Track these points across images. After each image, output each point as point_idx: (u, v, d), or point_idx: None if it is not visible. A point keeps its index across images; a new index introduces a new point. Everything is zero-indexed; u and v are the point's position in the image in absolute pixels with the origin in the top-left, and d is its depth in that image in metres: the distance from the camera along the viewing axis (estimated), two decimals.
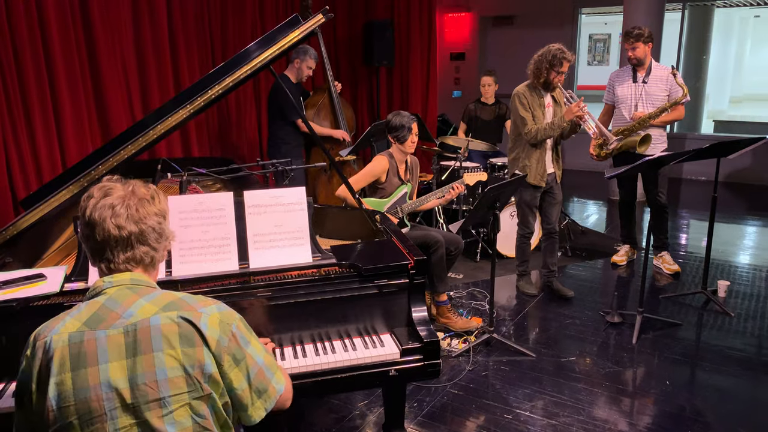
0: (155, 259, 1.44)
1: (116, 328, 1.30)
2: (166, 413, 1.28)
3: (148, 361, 1.28)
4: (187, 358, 1.30)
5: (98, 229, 1.36)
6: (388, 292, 2.14)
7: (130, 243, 1.38)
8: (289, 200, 2.24)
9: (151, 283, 1.43)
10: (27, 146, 3.83)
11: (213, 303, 1.41)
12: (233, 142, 5.51)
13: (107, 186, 1.41)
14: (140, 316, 1.32)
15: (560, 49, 3.80)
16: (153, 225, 1.40)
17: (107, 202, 1.37)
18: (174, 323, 1.32)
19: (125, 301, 1.34)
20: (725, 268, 4.76)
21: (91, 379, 1.26)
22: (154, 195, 1.44)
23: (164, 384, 1.28)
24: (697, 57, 9.19)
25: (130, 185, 1.42)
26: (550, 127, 3.83)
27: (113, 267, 1.39)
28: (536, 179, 3.97)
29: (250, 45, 2.38)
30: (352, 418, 2.87)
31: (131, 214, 1.37)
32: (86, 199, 1.39)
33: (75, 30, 4.07)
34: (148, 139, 2.34)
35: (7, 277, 2.01)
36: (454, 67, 9.20)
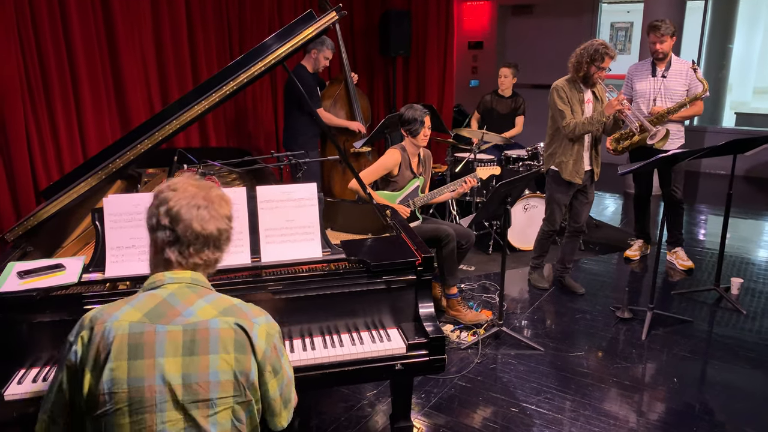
0: (218, 261, 1.50)
1: (176, 325, 1.35)
2: (211, 413, 1.34)
3: (203, 362, 1.33)
4: (239, 364, 1.36)
5: (182, 225, 1.39)
6: (395, 288, 2.18)
7: (207, 244, 1.43)
8: (300, 196, 2.28)
9: (207, 284, 1.48)
10: (49, 137, 3.92)
11: (262, 314, 1.47)
12: (250, 132, 5.57)
13: (186, 182, 1.45)
14: (200, 317, 1.37)
15: (603, 44, 3.71)
16: (226, 228, 1.46)
17: (191, 201, 1.41)
18: (231, 329, 1.37)
19: (186, 300, 1.39)
20: (741, 265, 4.73)
21: (147, 370, 1.31)
22: (227, 198, 1.50)
23: (215, 386, 1.34)
24: (721, 46, 9.00)
25: (208, 186, 1.47)
26: (589, 121, 3.73)
27: (182, 261, 1.43)
28: (571, 176, 3.87)
29: (266, 39, 2.41)
30: (362, 408, 2.94)
31: (213, 217, 1.42)
32: (167, 192, 1.43)
33: (96, 23, 4.14)
34: (164, 133, 2.38)
35: (28, 267, 2.08)
36: (472, 56, 9.14)
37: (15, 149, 3.71)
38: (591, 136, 3.93)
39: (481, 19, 8.98)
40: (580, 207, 4.08)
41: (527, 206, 4.89)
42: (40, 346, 1.95)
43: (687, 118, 4.41)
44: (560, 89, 3.84)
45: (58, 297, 1.96)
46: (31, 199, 3.78)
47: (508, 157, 5.20)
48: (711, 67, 8.84)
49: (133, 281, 2.06)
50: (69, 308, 1.95)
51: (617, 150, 4.45)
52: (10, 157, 3.72)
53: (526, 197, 4.86)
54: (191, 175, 1.50)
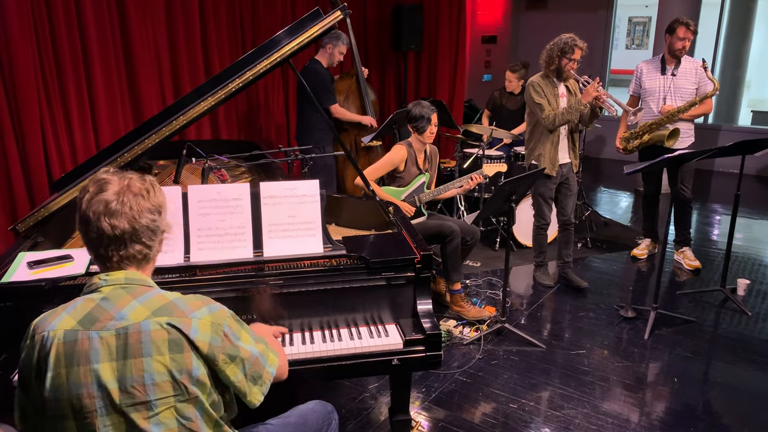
0: (149, 256, 1.46)
1: (109, 330, 1.34)
2: (151, 415, 1.34)
3: (137, 365, 1.33)
4: (175, 363, 1.35)
5: (92, 226, 1.37)
6: (394, 284, 2.22)
7: (124, 241, 1.39)
8: (302, 192, 2.32)
9: (145, 281, 1.45)
10: (63, 129, 4.00)
11: (204, 305, 1.43)
12: (261, 125, 5.62)
13: (103, 180, 1.40)
14: (132, 320, 1.35)
15: (572, 37, 3.82)
16: (147, 223, 1.40)
17: (102, 197, 1.37)
18: (164, 330, 1.35)
19: (119, 302, 1.37)
20: (749, 266, 4.71)
21: (83, 377, 1.31)
22: (150, 189, 1.43)
23: (151, 388, 1.33)
24: (738, 43, 8.89)
25: (126, 179, 1.41)
26: (567, 110, 3.82)
27: (108, 264, 1.42)
28: (548, 168, 3.96)
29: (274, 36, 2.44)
30: (363, 400, 2.98)
31: (125, 212, 1.37)
32: (82, 193, 1.40)
33: (110, 16, 4.20)
34: (172, 128, 2.44)
35: (37, 257, 2.15)
36: (486, 51, 9.11)
37: (30, 141, 3.79)
38: (567, 129, 4.00)
39: (495, 13, 8.93)
40: (564, 199, 4.15)
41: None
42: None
43: (697, 117, 4.38)
44: (536, 84, 3.92)
45: (66, 287, 2.02)
46: (45, 190, 3.86)
47: (517, 154, 5.20)
48: (728, 64, 8.74)
49: None
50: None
51: (627, 149, 4.45)
52: (25, 148, 3.80)
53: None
54: (107, 170, 1.45)
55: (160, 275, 2.08)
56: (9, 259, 2.15)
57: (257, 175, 3.44)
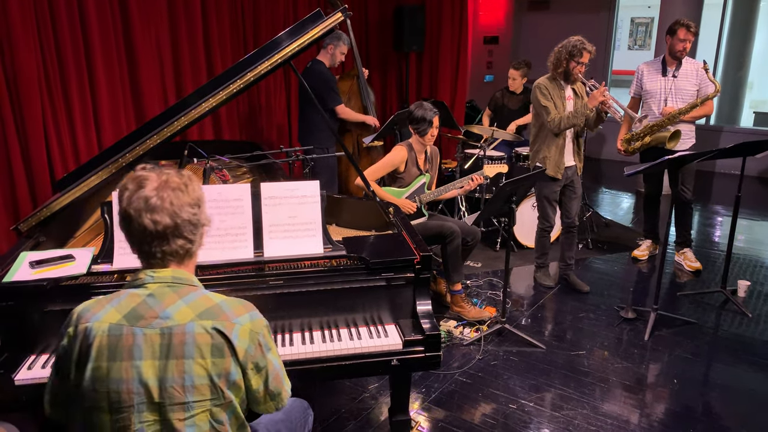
0: (191, 251, 1.47)
1: (153, 329, 1.35)
2: (187, 416, 1.36)
3: (178, 366, 1.34)
4: (215, 367, 1.36)
5: (134, 223, 1.37)
6: (394, 285, 2.23)
7: (166, 237, 1.39)
8: (303, 193, 2.33)
9: (191, 279, 1.46)
10: (65, 129, 4.02)
11: (246, 311, 1.45)
12: (263, 126, 5.63)
13: (141, 176, 1.40)
14: (177, 320, 1.37)
15: (580, 40, 3.80)
16: (188, 217, 1.41)
17: (142, 194, 1.37)
18: (207, 334, 1.36)
19: (165, 301, 1.39)
20: (749, 267, 4.71)
21: (125, 372, 1.33)
22: (188, 182, 1.43)
23: (190, 390, 1.35)
24: (740, 44, 8.87)
25: (164, 174, 1.41)
26: (573, 114, 3.81)
27: (152, 261, 1.43)
28: (554, 170, 3.96)
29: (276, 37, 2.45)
30: (363, 400, 2.99)
31: (165, 207, 1.37)
32: (121, 191, 1.40)
33: (113, 16, 4.22)
34: (173, 129, 2.45)
35: (39, 257, 2.16)
36: (488, 51, 9.11)
37: (33, 140, 3.81)
38: (573, 132, 4.00)
39: (497, 13, 8.93)
40: (569, 202, 4.14)
41: (536, 204, 4.89)
42: (49, 334, 2.03)
43: (698, 119, 4.39)
44: (542, 86, 3.91)
45: (68, 287, 2.04)
46: (47, 190, 3.87)
47: (518, 155, 5.21)
48: (730, 65, 8.73)
49: None
50: (78, 298, 1.98)
51: (628, 151, 4.44)
52: (28, 148, 3.82)
53: (534, 195, 4.86)
54: (144, 166, 1.45)
55: None
56: (11, 259, 2.17)
57: (258, 176, 3.45)
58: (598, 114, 3.86)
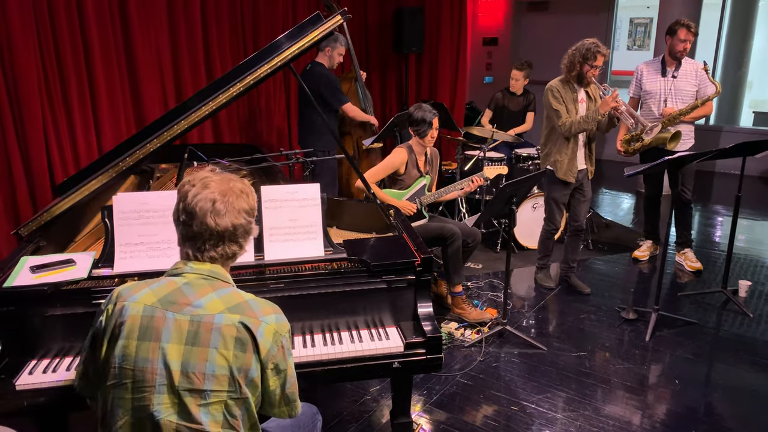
0: (237, 255, 1.55)
1: (184, 315, 1.41)
2: (203, 403, 1.40)
3: (202, 353, 1.39)
4: (237, 360, 1.41)
5: (197, 220, 1.45)
6: (395, 288, 2.23)
7: (223, 239, 1.48)
8: (303, 196, 2.33)
9: (226, 276, 1.53)
10: (65, 133, 4.02)
11: (273, 312, 1.50)
12: (263, 129, 5.63)
13: (207, 177, 1.49)
14: (208, 310, 1.42)
15: (595, 43, 3.74)
16: (244, 224, 1.50)
17: (208, 195, 1.45)
18: (234, 327, 1.41)
19: (199, 291, 1.45)
20: (750, 267, 4.70)
21: (152, 352, 1.39)
22: (249, 192, 1.53)
23: (210, 378, 1.39)
24: (740, 44, 8.87)
25: (229, 180, 1.51)
26: (584, 120, 3.78)
27: (199, 256, 1.49)
28: (566, 175, 3.92)
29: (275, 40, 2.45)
30: (365, 402, 2.99)
31: (229, 211, 1.46)
32: (187, 187, 1.48)
33: (112, 21, 4.22)
34: (173, 133, 2.44)
35: (40, 262, 2.16)
36: (487, 53, 9.12)
37: (33, 145, 3.81)
38: (585, 135, 3.97)
39: (497, 15, 8.94)
40: (578, 205, 4.11)
41: (536, 205, 4.90)
42: (50, 339, 2.03)
43: (697, 119, 4.38)
44: (554, 89, 3.87)
45: (68, 291, 2.04)
46: (47, 194, 3.87)
47: (518, 156, 5.21)
48: (729, 64, 8.72)
49: (141, 277, 2.12)
50: (78, 302, 2.02)
51: (628, 152, 4.42)
52: (28, 152, 3.81)
53: (535, 196, 4.87)
54: (213, 169, 1.53)
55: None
56: (12, 264, 2.17)
57: (259, 179, 3.45)
58: (609, 119, 3.82)
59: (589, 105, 3.94)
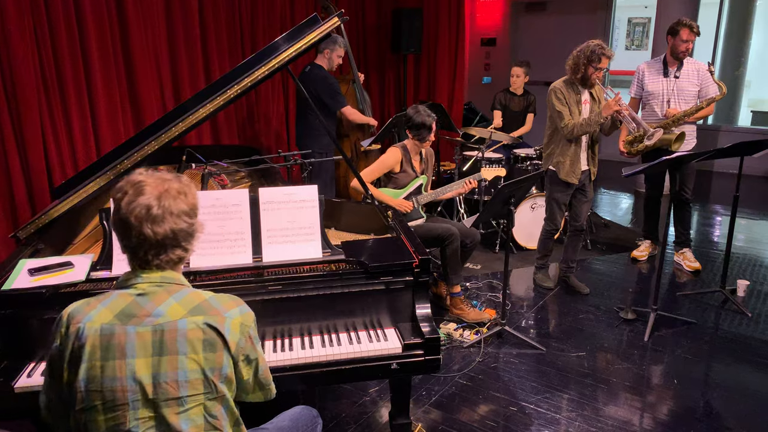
0: (184, 258, 1.50)
1: (145, 327, 1.37)
2: (182, 411, 1.38)
3: (171, 362, 1.36)
4: (208, 362, 1.39)
5: (134, 231, 1.37)
6: (393, 289, 2.23)
7: (164, 246, 1.41)
8: (301, 197, 2.33)
9: (179, 279, 1.48)
10: (64, 135, 4.01)
11: (236, 305, 1.48)
12: (261, 130, 5.63)
13: (140, 182, 1.40)
14: (169, 317, 1.39)
15: (599, 45, 3.73)
16: (185, 227, 1.43)
17: (142, 202, 1.37)
18: (199, 329, 1.39)
19: (156, 299, 1.41)
20: (749, 267, 4.71)
21: (119, 370, 1.35)
22: (186, 191, 1.45)
23: (184, 385, 1.37)
24: (738, 43, 8.88)
25: (164, 181, 1.42)
26: (587, 122, 3.77)
27: (146, 267, 1.43)
28: (568, 176, 3.92)
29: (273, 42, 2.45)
30: (363, 404, 2.99)
31: (166, 218, 1.38)
32: (120, 196, 1.39)
33: (110, 22, 4.21)
34: (171, 135, 2.45)
35: (38, 264, 2.16)
36: (485, 53, 9.13)
37: (31, 147, 3.80)
38: (588, 137, 3.96)
39: (494, 15, 8.96)
40: (579, 206, 4.11)
41: (534, 205, 4.90)
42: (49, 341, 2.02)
43: (699, 119, 4.37)
44: (558, 90, 3.87)
45: (67, 294, 2.04)
46: (46, 197, 3.87)
47: (517, 156, 5.22)
48: (727, 64, 8.74)
49: None
50: None
51: (631, 153, 4.41)
52: (27, 155, 3.81)
53: (534, 196, 4.88)
54: (144, 171, 1.45)
55: None
56: (10, 267, 2.17)
57: (257, 181, 3.46)
58: (612, 121, 3.81)
59: (592, 107, 3.93)
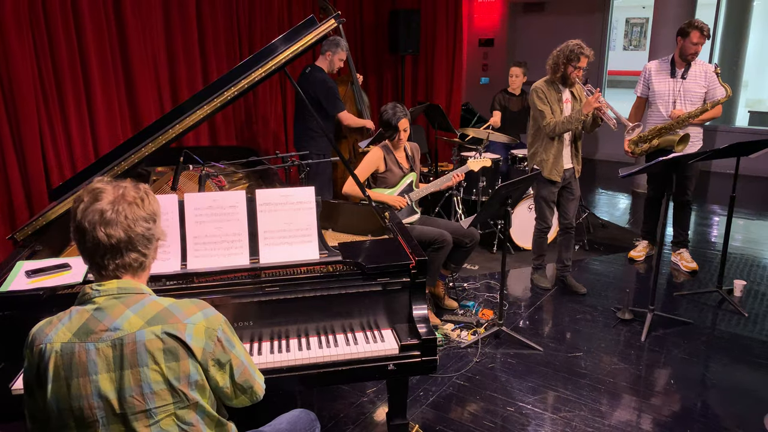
0: (144, 264, 1.46)
1: (104, 342, 1.35)
2: (152, 423, 1.36)
3: (134, 375, 1.34)
4: (171, 371, 1.36)
5: (88, 236, 1.37)
6: (390, 290, 2.24)
7: (120, 250, 1.39)
8: (298, 199, 2.33)
9: (138, 288, 1.45)
10: (62, 137, 4.01)
11: (198, 309, 1.45)
12: (259, 132, 5.63)
13: (97, 189, 1.41)
14: (127, 330, 1.36)
15: (578, 44, 3.80)
16: (142, 231, 1.41)
17: (97, 207, 1.37)
18: (158, 339, 1.36)
19: (113, 313, 1.38)
20: (746, 267, 4.72)
21: (83, 388, 1.34)
22: (144, 197, 1.44)
23: (150, 397, 1.35)
24: (735, 43, 8.89)
25: (120, 188, 1.42)
26: (568, 120, 3.83)
27: (104, 273, 1.42)
28: (552, 174, 3.98)
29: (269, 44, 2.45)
30: (361, 404, 3.00)
31: (120, 221, 1.38)
32: (77, 203, 1.40)
33: (108, 24, 4.22)
34: (168, 137, 2.45)
35: (35, 266, 2.16)
36: (483, 54, 9.14)
37: (29, 149, 3.81)
38: (571, 135, 4.01)
39: (492, 16, 8.97)
40: (567, 204, 4.15)
41: (532, 206, 4.91)
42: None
43: (706, 121, 4.36)
44: (539, 90, 3.92)
45: (64, 296, 2.04)
46: (44, 199, 3.87)
47: (515, 157, 5.23)
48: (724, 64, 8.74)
49: None
50: None
51: (635, 153, 4.40)
52: (24, 157, 3.81)
53: (531, 196, 4.88)
54: (101, 179, 1.46)
55: (157, 283, 2.10)
56: (7, 268, 2.17)
57: (254, 182, 3.46)
58: (594, 119, 3.87)
59: (574, 105, 3.99)
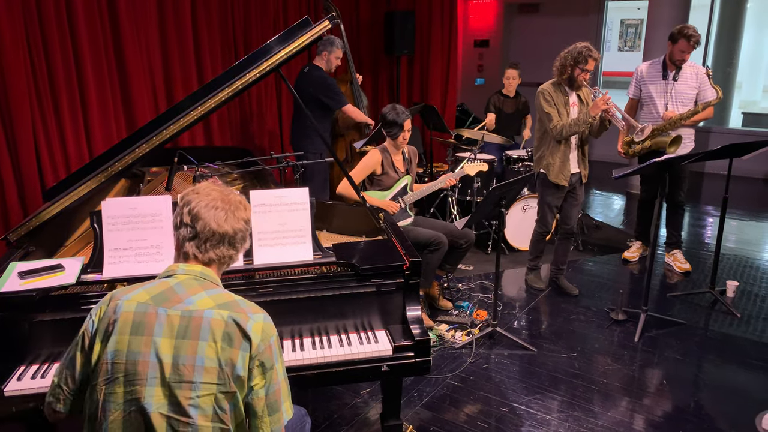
0: (232, 259, 1.64)
1: (176, 310, 1.49)
2: (193, 396, 1.45)
3: (192, 346, 1.46)
4: (224, 353, 1.47)
5: (201, 222, 1.55)
6: (384, 291, 2.25)
7: (223, 241, 1.58)
8: (292, 200, 2.34)
9: (216, 279, 1.61)
10: (56, 138, 4.01)
11: (262, 313, 1.57)
12: (255, 132, 5.63)
13: (210, 187, 1.62)
14: (198, 306, 1.50)
15: (587, 46, 3.76)
16: (243, 229, 1.61)
17: (211, 202, 1.57)
18: (222, 321, 1.49)
19: (190, 290, 1.54)
20: (739, 268, 4.75)
21: (144, 345, 1.46)
22: (246, 204, 1.66)
23: (199, 370, 1.45)
24: (728, 45, 8.93)
25: (228, 191, 1.64)
26: (575, 122, 3.78)
27: (198, 255, 1.58)
28: (558, 178, 3.93)
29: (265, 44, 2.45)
30: (355, 405, 3.00)
31: (230, 217, 1.58)
32: (191, 195, 1.60)
33: (102, 25, 4.22)
34: (162, 137, 2.44)
35: (28, 267, 2.16)
36: (478, 54, 9.16)
37: (23, 150, 3.80)
38: (578, 138, 3.98)
39: (487, 17, 8.98)
40: (569, 208, 4.13)
41: (526, 206, 4.93)
42: (39, 344, 2.03)
43: (698, 122, 4.39)
44: (546, 92, 3.89)
45: (57, 297, 2.04)
46: (38, 199, 3.86)
47: (509, 158, 5.24)
48: (718, 66, 8.79)
49: (130, 282, 2.13)
50: (67, 308, 2.03)
51: (628, 153, 4.42)
52: (18, 157, 3.80)
53: (525, 197, 4.90)
54: (214, 181, 1.64)
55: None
56: (0, 270, 2.16)
57: (249, 182, 3.46)
58: (601, 122, 3.82)
59: (580, 108, 3.95)
